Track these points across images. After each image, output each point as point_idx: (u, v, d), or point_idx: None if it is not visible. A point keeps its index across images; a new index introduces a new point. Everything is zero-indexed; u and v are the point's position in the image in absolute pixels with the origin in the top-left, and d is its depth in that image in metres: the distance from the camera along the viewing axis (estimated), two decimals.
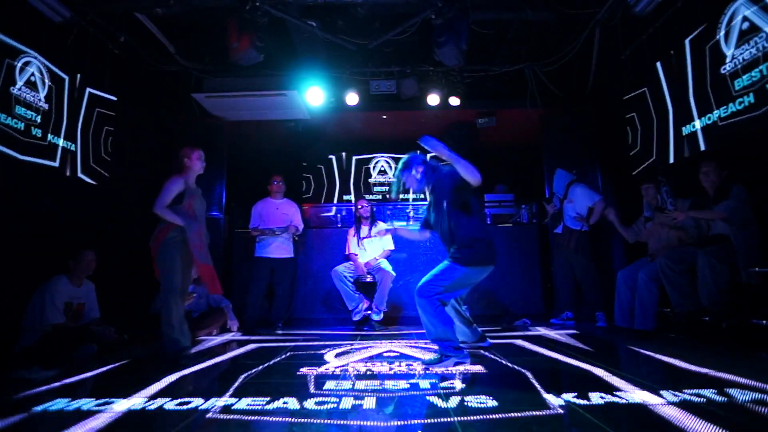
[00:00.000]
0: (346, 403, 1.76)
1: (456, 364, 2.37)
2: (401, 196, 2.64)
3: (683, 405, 1.61)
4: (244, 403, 1.77)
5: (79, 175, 3.79)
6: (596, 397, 1.73)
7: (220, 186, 5.11)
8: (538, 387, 1.93)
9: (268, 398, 1.82)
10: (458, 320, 2.75)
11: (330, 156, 7.94)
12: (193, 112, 4.96)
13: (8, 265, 3.08)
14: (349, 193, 7.89)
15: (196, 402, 1.79)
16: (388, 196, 2.72)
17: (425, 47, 4.14)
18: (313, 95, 4.76)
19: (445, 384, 2.02)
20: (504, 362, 2.50)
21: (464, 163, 2.41)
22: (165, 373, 2.35)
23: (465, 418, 1.56)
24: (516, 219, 5.42)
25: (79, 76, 3.83)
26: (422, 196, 7.76)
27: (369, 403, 1.77)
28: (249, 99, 4.67)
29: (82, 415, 1.67)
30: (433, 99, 5.02)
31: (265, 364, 2.57)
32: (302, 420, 1.57)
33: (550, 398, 1.75)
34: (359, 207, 4.54)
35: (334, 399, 1.81)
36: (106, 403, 1.80)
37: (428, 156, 2.70)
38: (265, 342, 3.51)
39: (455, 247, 2.52)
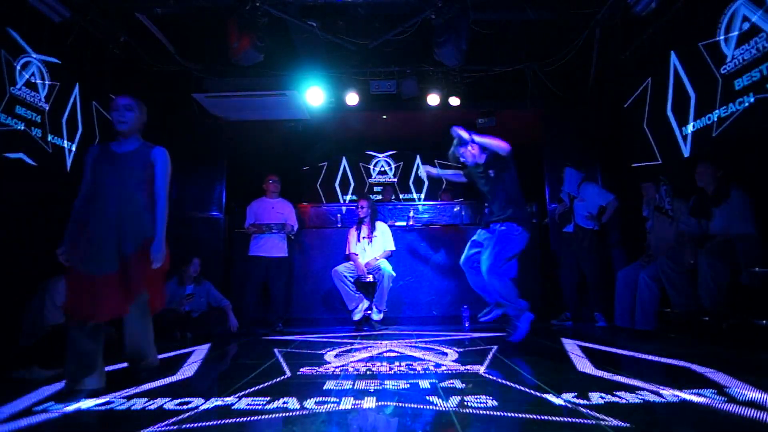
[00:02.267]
0: (346, 403, 1.76)
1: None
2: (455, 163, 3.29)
3: (683, 405, 1.61)
4: (244, 403, 1.77)
5: (80, 175, 3.78)
6: (596, 397, 1.72)
7: (220, 186, 5.11)
8: (539, 386, 1.93)
9: (268, 398, 1.82)
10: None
11: (330, 156, 7.95)
12: (193, 112, 4.96)
13: (8, 265, 3.08)
14: (350, 193, 7.90)
15: (197, 402, 1.79)
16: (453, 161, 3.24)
17: (425, 47, 4.15)
18: (313, 95, 4.77)
19: (445, 384, 2.02)
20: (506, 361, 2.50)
21: (488, 140, 2.94)
22: (165, 374, 2.35)
23: (465, 418, 1.56)
24: None
25: (79, 76, 3.83)
26: (419, 196, 7.76)
27: (369, 403, 1.77)
28: (249, 99, 4.68)
29: (82, 415, 1.67)
30: (433, 99, 5.02)
31: (265, 364, 2.57)
32: (302, 420, 1.57)
33: (550, 398, 1.75)
34: (361, 207, 4.54)
35: (334, 399, 1.81)
36: (107, 403, 1.80)
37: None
38: (264, 342, 3.51)
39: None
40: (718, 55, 3.18)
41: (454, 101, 5.06)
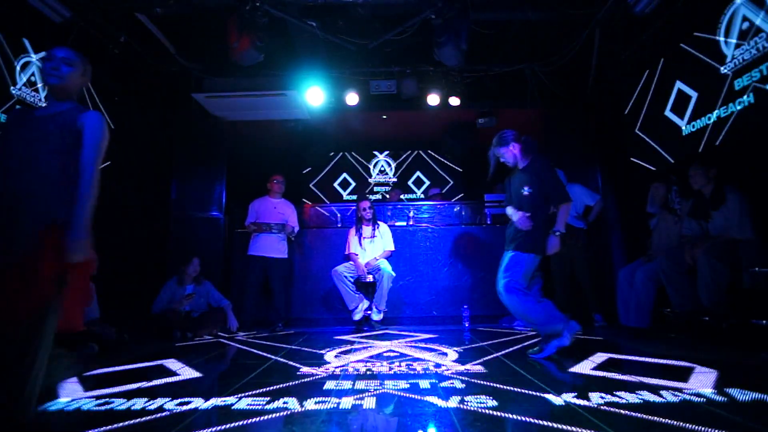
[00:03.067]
0: (346, 403, 1.76)
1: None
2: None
3: (683, 405, 1.62)
4: (244, 403, 1.77)
5: None
6: (596, 397, 1.73)
7: (220, 186, 5.11)
8: (539, 386, 1.93)
9: (268, 398, 1.82)
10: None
11: (330, 156, 7.95)
12: (193, 112, 4.96)
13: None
14: (350, 193, 7.90)
15: (197, 402, 1.79)
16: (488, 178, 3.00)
17: (425, 47, 4.14)
18: (313, 95, 4.77)
19: (445, 384, 2.02)
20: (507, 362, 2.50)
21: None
22: (164, 374, 2.35)
23: (465, 418, 1.56)
24: None
25: None
26: (421, 194, 7.76)
27: (369, 403, 1.77)
28: (249, 99, 4.68)
29: (82, 415, 1.67)
30: (433, 99, 5.02)
31: (265, 364, 2.57)
32: (302, 420, 1.57)
33: (550, 398, 1.75)
34: (362, 208, 4.53)
35: (334, 399, 1.81)
36: (106, 403, 1.80)
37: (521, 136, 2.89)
38: (264, 342, 3.51)
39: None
40: (718, 55, 3.18)
41: (454, 101, 5.06)
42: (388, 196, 7.56)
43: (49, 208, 1.52)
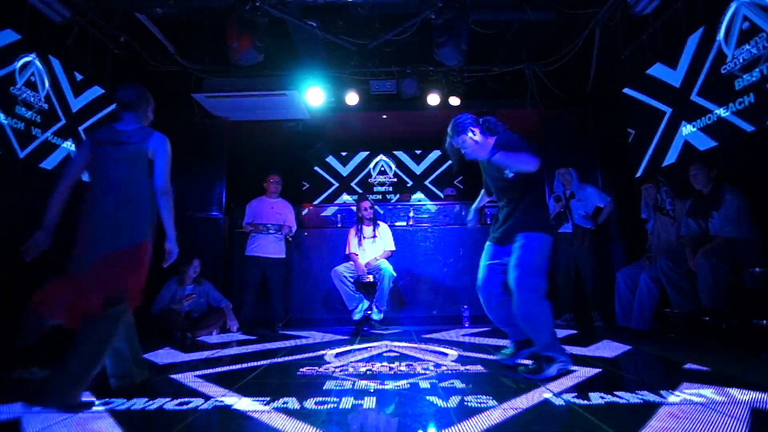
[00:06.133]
0: (346, 403, 1.76)
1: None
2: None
3: (684, 405, 1.61)
4: (244, 403, 1.77)
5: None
6: (596, 397, 1.73)
7: (219, 186, 5.11)
8: (539, 386, 1.93)
9: (268, 398, 1.82)
10: None
11: (330, 156, 7.95)
12: (193, 112, 4.96)
13: (8, 266, 3.08)
14: (350, 193, 7.89)
15: (196, 402, 1.79)
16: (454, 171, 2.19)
17: (425, 47, 4.14)
18: (313, 95, 4.77)
19: (445, 384, 2.02)
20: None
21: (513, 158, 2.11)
22: (164, 374, 2.35)
23: (465, 418, 1.55)
24: None
25: (79, 76, 3.83)
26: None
27: (369, 403, 1.77)
28: (249, 99, 4.68)
29: (81, 415, 1.67)
30: (433, 99, 5.02)
31: (265, 364, 2.57)
32: (302, 420, 1.57)
33: (550, 398, 1.75)
34: (363, 208, 4.53)
35: (334, 399, 1.81)
36: (107, 403, 1.80)
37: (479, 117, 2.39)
38: (264, 342, 3.51)
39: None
40: (718, 54, 3.18)
41: (454, 101, 5.05)
42: (398, 195, 7.59)
43: (142, 225, 1.99)
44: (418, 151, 7.93)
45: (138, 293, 1.96)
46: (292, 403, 1.75)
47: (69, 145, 3.68)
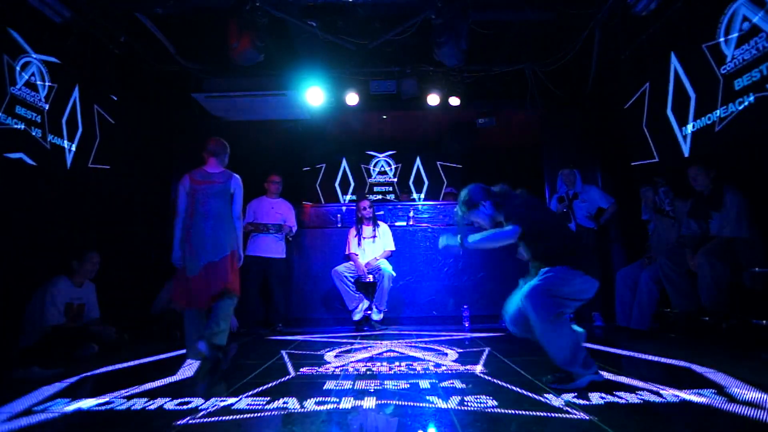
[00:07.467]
0: (346, 403, 1.76)
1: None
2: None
3: (684, 405, 1.61)
4: (244, 403, 1.77)
5: (80, 175, 3.79)
6: (596, 397, 1.73)
7: None
8: (539, 386, 1.93)
9: (268, 398, 1.82)
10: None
11: (329, 156, 7.94)
12: (193, 112, 4.96)
13: (9, 265, 3.08)
14: (350, 193, 7.89)
15: (197, 402, 1.79)
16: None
17: (425, 47, 4.14)
18: (313, 95, 4.76)
19: (445, 384, 2.02)
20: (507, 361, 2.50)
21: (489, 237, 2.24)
22: (164, 374, 2.35)
23: (465, 418, 1.56)
24: None
25: (79, 76, 3.83)
26: (422, 196, 7.76)
27: (369, 403, 1.77)
28: (249, 99, 4.68)
29: (82, 415, 1.67)
30: (433, 99, 5.02)
31: (265, 364, 2.57)
32: (302, 420, 1.57)
33: (550, 398, 1.75)
34: (362, 208, 4.53)
35: (334, 399, 1.81)
36: (107, 403, 1.80)
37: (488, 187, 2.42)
38: (264, 342, 3.51)
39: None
40: (718, 55, 3.17)
41: (454, 101, 5.05)
42: (393, 197, 7.56)
43: (228, 241, 2.77)
44: (417, 151, 7.92)
45: (237, 285, 2.80)
46: (292, 403, 1.75)
47: (69, 146, 3.68)
